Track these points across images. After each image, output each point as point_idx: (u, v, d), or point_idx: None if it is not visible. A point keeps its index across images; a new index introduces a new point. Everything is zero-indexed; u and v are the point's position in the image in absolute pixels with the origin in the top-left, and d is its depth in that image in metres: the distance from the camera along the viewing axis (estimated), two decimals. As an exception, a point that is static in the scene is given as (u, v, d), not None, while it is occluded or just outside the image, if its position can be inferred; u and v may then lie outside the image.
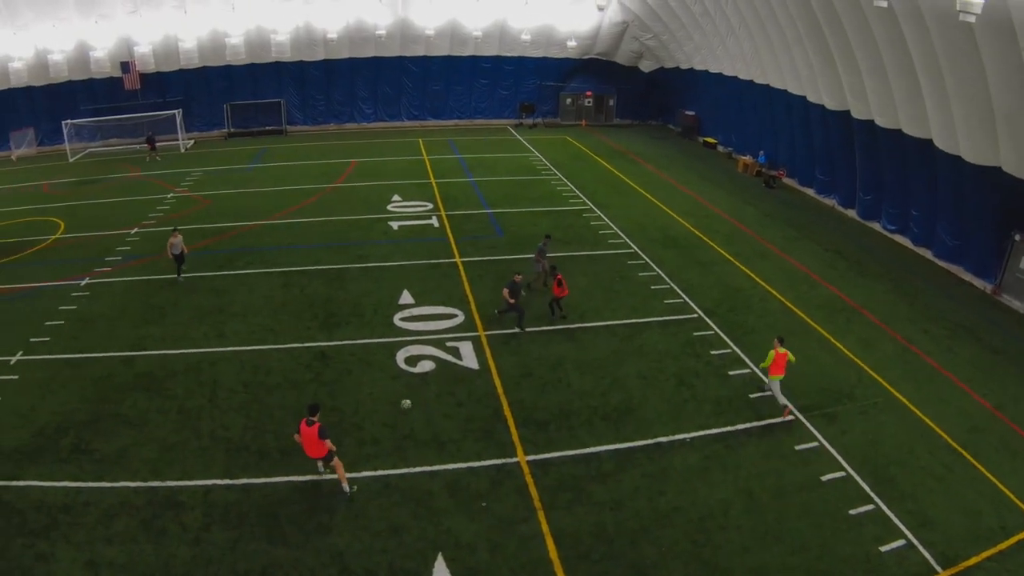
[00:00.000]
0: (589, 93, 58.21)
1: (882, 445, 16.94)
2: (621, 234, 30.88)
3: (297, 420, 15.13)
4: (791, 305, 24.26)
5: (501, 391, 18.92)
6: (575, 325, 22.54)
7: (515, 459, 16.23)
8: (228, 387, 18.93)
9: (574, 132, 54.99)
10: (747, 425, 17.62)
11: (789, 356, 17.72)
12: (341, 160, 44.20)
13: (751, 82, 42.56)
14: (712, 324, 22.75)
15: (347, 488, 14.96)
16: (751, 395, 18.83)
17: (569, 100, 58.49)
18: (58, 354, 20.62)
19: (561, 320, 22.68)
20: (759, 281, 26.22)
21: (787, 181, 40.46)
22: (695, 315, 23.43)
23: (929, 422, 17.86)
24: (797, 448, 16.75)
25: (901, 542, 13.88)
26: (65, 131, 45.92)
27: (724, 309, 23.84)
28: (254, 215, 33.07)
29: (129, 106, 47.94)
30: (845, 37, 30.33)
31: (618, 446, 16.72)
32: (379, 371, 19.83)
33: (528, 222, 32.02)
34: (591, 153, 47.48)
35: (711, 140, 50.32)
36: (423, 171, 41.56)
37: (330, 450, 14.72)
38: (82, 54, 45.55)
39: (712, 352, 21.09)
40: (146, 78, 48.00)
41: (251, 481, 15.36)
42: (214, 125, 52.38)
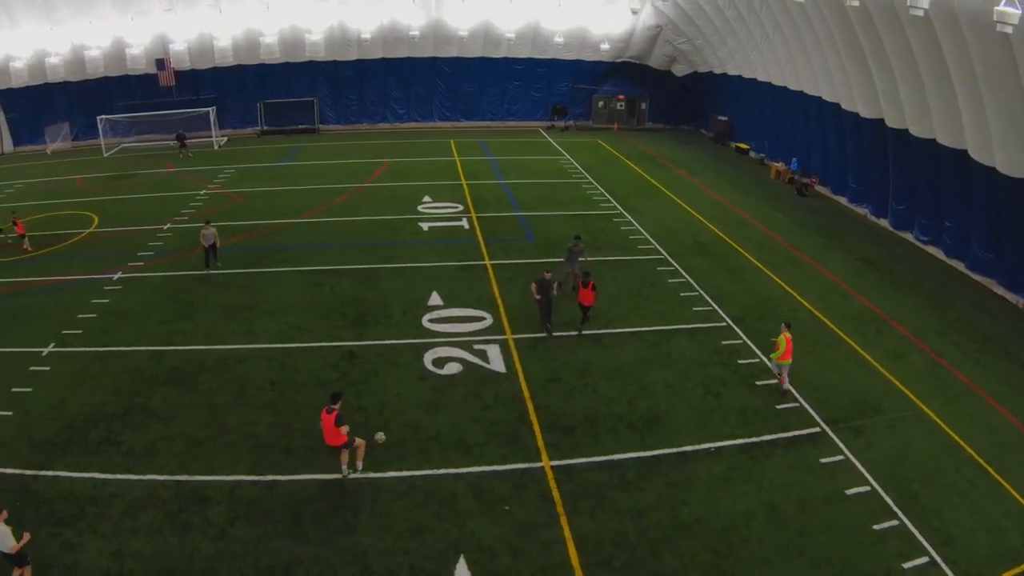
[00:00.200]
0: (621, 96, 58.07)
1: (908, 460, 16.69)
2: (651, 239, 30.75)
3: (324, 420, 15.33)
4: (821, 315, 23.96)
5: (527, 395, 18.93)
6: (603, 331, 22.45)
7: (539, 464, 16.23)
8: (256, 384, 19.15)
9: (606, 135, 54.77)
10: (773, 436, 17.44)
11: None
12: (373, 160, 44.49)
13: (784, 88, 42.09)
14: (740, 333, 22.57)
15: (346, 469, 15.32)
16: (778, 406, 18.65)
17: (601, 103, 58.33)
18: (89, 347, 21.00)
19: (576, 334, 22.11)
20: (789, 290, 25.96)
21: (819, 189, 39.96)
22: (724, 323, 23.25)
23: (956, 437, 17.56)
24: (822, 461, 16.54)
25: (924, 559, 13.65)
26: (100, 126, 46.71)
27: (753, 318, 23.61)
28: (285, 213, 33.41)
29: (164, 103, 48.64)
30: (880, 44, 29.88)
31: (642, 454, 16.65)
32: (406, 372, 19.93)
33: (558, 226, 31.90)
34: (622, 157, 47.30)
35: (743, 146, 49.88)
36: (454, 172, 41.71)
37: (349, 436, 14.94)
38: (118, 50, 46.46)
39: (740, 361, 20.90)
40: (181, 75, 48.73)
41: (277, 478, 15.52)
42: (247, 123, 53.05)
